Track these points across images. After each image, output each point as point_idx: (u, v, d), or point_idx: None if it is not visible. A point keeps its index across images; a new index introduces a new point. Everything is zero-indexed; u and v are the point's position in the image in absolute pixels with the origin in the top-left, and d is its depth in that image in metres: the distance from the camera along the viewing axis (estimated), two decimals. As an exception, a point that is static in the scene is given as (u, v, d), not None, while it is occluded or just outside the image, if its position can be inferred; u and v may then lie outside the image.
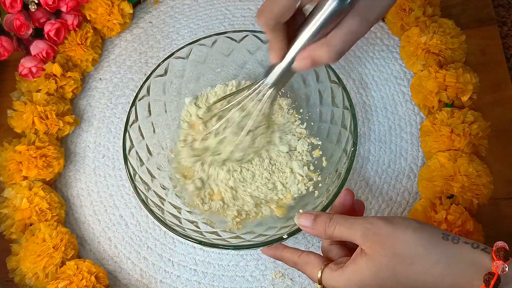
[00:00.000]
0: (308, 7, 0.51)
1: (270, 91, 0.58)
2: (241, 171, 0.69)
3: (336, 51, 0.49)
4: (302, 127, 0.73)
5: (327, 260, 0.54)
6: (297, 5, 0.49)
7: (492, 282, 0.44)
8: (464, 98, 0.71)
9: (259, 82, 0.58)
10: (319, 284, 0.52)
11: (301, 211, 0.67)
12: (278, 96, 0.73)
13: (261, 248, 0.60)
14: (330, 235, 0.52)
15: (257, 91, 0.59)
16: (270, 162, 0.70)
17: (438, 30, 0.74)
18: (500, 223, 0.68)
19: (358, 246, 0.54)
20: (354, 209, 0.57)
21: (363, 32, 0.49)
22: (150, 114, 0.71)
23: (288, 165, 0.70)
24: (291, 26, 0.52)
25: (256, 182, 0.69)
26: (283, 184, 0.69)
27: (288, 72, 0.55)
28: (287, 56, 0.53)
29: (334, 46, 0.49)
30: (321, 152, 0.71)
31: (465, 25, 0.77)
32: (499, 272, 0.45)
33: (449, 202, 0.65)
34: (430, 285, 0.47)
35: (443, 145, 0.69)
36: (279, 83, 0.57)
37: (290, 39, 0.52)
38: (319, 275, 0.52)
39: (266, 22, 0.51)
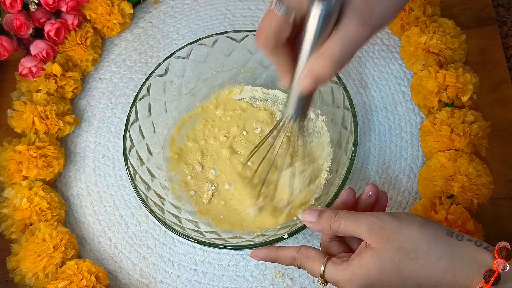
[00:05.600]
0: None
1: (296, 124, 0.54)
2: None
3: (334, 61, 0.43)
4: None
5: (327, 255, 0.54)
6: (291, 21, 0.45)
7: (492, 279, 0.45)
8: (464, 98, 0.71)
9: (283, 118, 0.54)
10: (321, 278, 0.52)
11: (303, 207, 0.67)
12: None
13: (250, 254, 0.59)
14: (335, 230, 0.52)
15: (284, 128, 0.55)
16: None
17: (438, 30, 0.74)
18: (500, 223, 0.68)
19: (355, 244, 0.55)
20: (357, 207, 0.57)
21: (364, 36, 0.43)
22: (150, 113, 0.71)
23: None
24: (296, 46, 0.47)
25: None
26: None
27: (303, 95, 0.50)
28: (296, 79, 0.48)
29: (331, 55, 0.43)
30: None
31: (465, 25, 0.78)
32: (499, 270, 0.45)
33: (449, 202, 0.65)
34: (432, 280, 0.47)
35: (443, 145, 0.69)
36: (302, 110, 0.52)
37: (296, 60, 0.47)
38: (322, 269, 0.52)
39: (265, 44, 0.47)
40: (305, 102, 0.51)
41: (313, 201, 0.67)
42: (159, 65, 0.71)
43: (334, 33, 0.43)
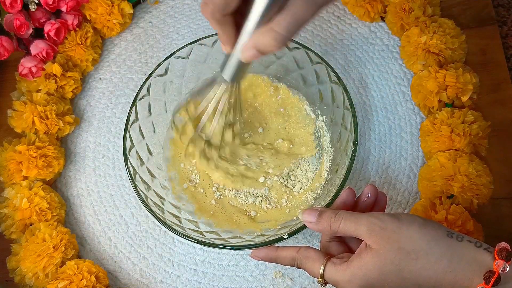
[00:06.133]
0: None
1: (232, 88, 0.57)
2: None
3: (280, 38, 0.45)
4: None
5: (327, 255, 0.54)
6: None
7: (492, 280, 0.45)
8: (464, 98, 0.71)
9: (218, 80, 0.57)
10: (320, 279, 0.52)
11: (302, 207, 0.67)
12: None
13: (250, 254, 0.59)
14: (335, 230, 0.52)
15: (221, 91, 0.58)
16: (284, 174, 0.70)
17: (438, 30, 0.74)
18: (500, 223, 0.68)
19: (355, 244, 0.54)
20: (356, 208, 0.57)
21: (309, 16, 0.45)
22: (150, 113, 0.71)
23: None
24: (240, 14, 0.49)
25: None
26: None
27: (242, 62, 0.53)
28: (236, 46, 0.51)
29: (277, 32, 0.45)
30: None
31: (465, 25, 0.78)
32: (499, 271, 0.45)
33: (449, 202, 0.65)
34: (432, 280, 0.47)
35: (443, 145, 0.69)
36: (237, 76, 0.55)
37: (239, 27, 0.50)
38: (322, 269, 0.52)
39: (212, 15, 0.48)
40: (242, 68, 0.55)
41: (313, 201, 0.67)
42: (159, 65, 0.71)
43: (282, 11, 0.45)
